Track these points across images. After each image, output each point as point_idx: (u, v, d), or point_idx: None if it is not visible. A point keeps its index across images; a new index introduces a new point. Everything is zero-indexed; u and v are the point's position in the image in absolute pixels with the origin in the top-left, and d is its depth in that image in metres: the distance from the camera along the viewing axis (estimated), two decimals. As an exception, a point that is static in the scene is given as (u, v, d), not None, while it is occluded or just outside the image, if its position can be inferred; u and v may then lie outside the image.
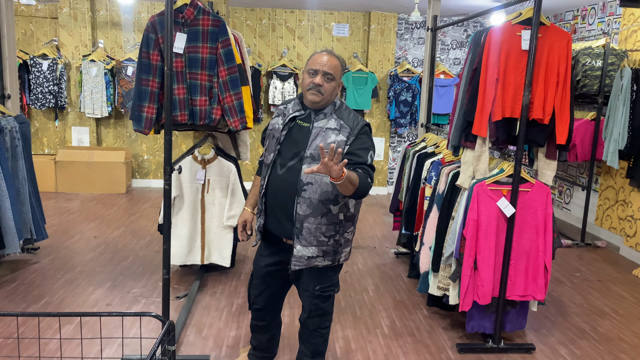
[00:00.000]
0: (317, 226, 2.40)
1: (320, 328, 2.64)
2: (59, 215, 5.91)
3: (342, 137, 2.38)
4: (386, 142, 7.81)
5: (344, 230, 2.49)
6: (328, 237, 2.43)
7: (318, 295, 2.55)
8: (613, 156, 5.06)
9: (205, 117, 3.45)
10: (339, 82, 2.44)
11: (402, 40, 7.77)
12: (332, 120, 2.42)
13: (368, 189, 2.33)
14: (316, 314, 2.59)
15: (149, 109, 3.32)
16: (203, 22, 3.23)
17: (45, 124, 7.45)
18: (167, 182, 2.73)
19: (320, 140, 2.37)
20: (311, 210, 2.38)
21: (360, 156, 2.36)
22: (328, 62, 2.39)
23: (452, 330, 3.56)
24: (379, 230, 5.86)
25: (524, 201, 3.16)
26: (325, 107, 2.45)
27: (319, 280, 2.52)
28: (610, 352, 3.37)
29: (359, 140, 2.39)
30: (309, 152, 2.37)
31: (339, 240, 2.49)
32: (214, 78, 3.30)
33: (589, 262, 5.13)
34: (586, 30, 6.41)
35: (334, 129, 2.39)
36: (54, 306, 3.66)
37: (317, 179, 2.36)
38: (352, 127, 2.40)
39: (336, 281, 2.60)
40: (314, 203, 2.37)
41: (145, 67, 3.33)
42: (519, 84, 3.11)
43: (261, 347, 2.88)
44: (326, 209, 2.39)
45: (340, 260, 2.54)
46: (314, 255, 2.44)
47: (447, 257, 3.30)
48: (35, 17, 7.28)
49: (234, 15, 7.47)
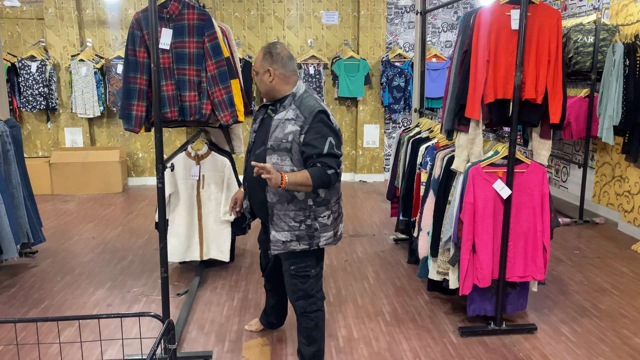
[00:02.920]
0: (285, 212, 2.53)
1: (308, 312, 2.70)
2: (56, 217, 5.89)
3: (297, 127, 2.46)
4: (381, 129, 7.78)
5: (316, 215, 2.56)
6: (298, 222, 2.54)
7: (294, 275, 2.65)
8: (608, 132, 5.05)
9: (195, 113, 3.42)
10: (262, 71, 2.54)
11: (393, 25, 7.71)
12: (290, 111, 2.50)
13: (329, 181, 2.42)
14: (298, 296, 2.68)
15: (138, 107, 3.29)
16: (188, 16, 3.19)
17: (37, 127, 7.41)
18: (160, 180, 2.71)
19: (279, 132, 2.48)
20: (278, 198, 2.52)
21: (315, 146, 2.42)
22: (253, 61, 2.63)
23: (454, 314, 3.57)
24: (377, 218, 5.86)
25: (520, 182, 3.15)
26: (285, 99, 2.56)
27: (293, 260, 2.62)
28: (612, 328, 3.38)
29: (313, 129, 2.44)
30: (270, 143, 2.50)
31: (313, 225, 2.56)
32: (202, 73, 3.26)
33: (588, 239, 5.13)
34: (577, 6, 6.36)
35: (292, 119, 2.48)
36: (54, 309, 3.65)
37: (278, 169, 2.45)
38: (307, 116, 2.46)
39: (312, 262, 2.65)
40: (279, 190, 2.50)
41: (133, 65, 3.29)
42: (510, 64, 3.09)
43: (267, 310, 3.23)
44: (291, 196, 2.51)
45: (320, 244, 2.60)
46: (288, 239, 2.56)
47: (445, 241, 3.29)
48: (21, 18, 7.20)
49: (222, 8, 7.40)
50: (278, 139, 2.47)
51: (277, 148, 2.47)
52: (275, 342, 3.21)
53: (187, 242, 4.08)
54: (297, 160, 2.46)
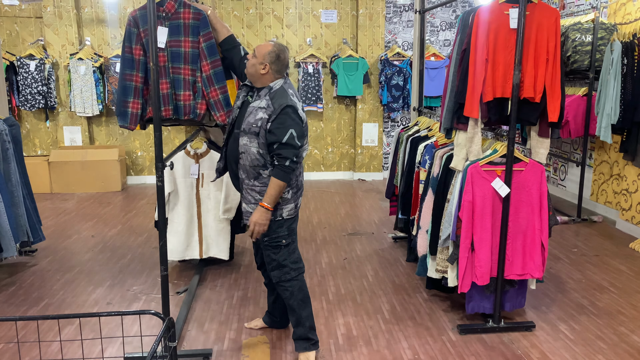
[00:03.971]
0: (252, 187, 2.83)
1: (282, 281, 2.91)
2: (56, 216, 5.89)
3: (266, 115, 2.73)
4: (380, 128, 7.79)
5: None
6: (263, 195, 2.81)
7: (267, 246, 2.89)
8: (606, 131, 5.06)
9: (189, 112, 3.42)
10: (260, 61, 2.77)
11: (391, 23, 7.72)
12: (263, 101, 2.77)
13: (290, 171, 2.72)
14: (272, 266, 2.91)
15: (133, 104, 3.29)
16: (184, 15, 3.18)
17: (36, 125, 7.40)
18: (160, 178, 2.72)
19: (251, 117, 2.76)
20: (246, 174, 2.83)
21: (275, 134, 2.70)
22: (259, 45, 2.81)
23: (453, 311, 3.58)
24: (376, 216, 5.87)
25: (518, 180, 3.16)
26: (262, 89, 2.82)
27: (266, 233, 2.85)
28: (610, 325, 3.40)
29: (277, 120, 2.71)
30: (243, 127, 2.79)
31: None
32: (197, 72, 3.25)
33: (586, 238, 5.15)
34: (575, 5, 6.38)
35: (262, 107, 2.75)
36: (54, 308, 3.66)
37: (246, 149, 2.77)
38: (276, 108, 2.72)
39: (284, 233, 2.87)
40: (247, 168, 2.81)
41: (129, 62, 3.29)
42: (509, 63, 3.10)
43: (269, 307, 3.30)
44: (257, 173, 2.80)
45: (283, 215, 2.85)
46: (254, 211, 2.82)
47: (444, 239, 3.30)
48: (20, 17, 7.20)
49: (221, 6, 7.40)
50: (249, 124, 2.76)
51: (248, 131, 2.76)
52: (274, 340, 3.22)
53: (187, 240, 4.09)
54: (262, 143, 2.74)
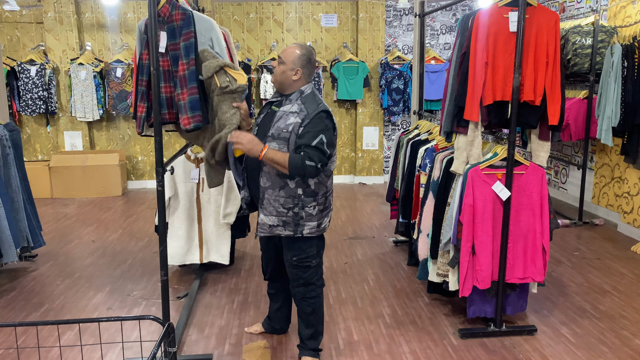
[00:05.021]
0: (276, 198, 2.69)
1: (307, 297, 2.87)
2: (56, 221, 5.89)
3: (298, 119, 2.63)
4: (380, 131, 7.79)
5: (304, 205, 2.71)
6: (287, 209, 2.69)
7: (296, 265, 2.81)
8: (607, 134, 5.05)
9: None
10: (291, 67, 2.69)
11: (392, 27, 7.73)
12: (295, 105, 2.68)
13: (304, 171, 2.55)
14: (299, 283, 2.85)
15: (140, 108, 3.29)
16: (175, 17, 3.17)
17: (37, 130, 7.41)
18: (160, 183, 2.72)
19: (281, 122, 2.65)
20: (270, 183, 2.69)
21: (304, 138, 2.59)
22: (284, 49, 2.73)
23: (454, 316, 3.57)
24: (377, 220, 5.86)
25: (519, 184, 3.15)
26: (292, 94, 2.73)
27: (294, 251, 2.79)
28: (612, 329, 3.38)
29: (310, 124, 2.61)
30: (271, 132, 2.67)
31: (299, 214, 2.72)
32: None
33: (588, 241, 5.14)
34: (575, 8, 6.38)
35: (294, 112, 2.66)
36: (54, 313, 3.65)
37: None
38: (310, 112, 2.63)
39: (313, 253, 2.81)
40: (272, 176, 2.67)
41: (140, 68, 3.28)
42: (509, 66, 3.10)
43: (271, 315, 3.24)
44: (283, 183, 2.67)
45: (304, 232, 2.74)
46: (274, 224, 2.73)
47: (445, 243, 3.29)
48: (21, 22, 7.21)
49: (221, 11, 7.42)
50: (279, 129, 2.65)
51: (277, 136, 2.64)
52: (275, 345, 3.21)
53: (187, 245, 4.08)
54: (292, 150, 2.63)
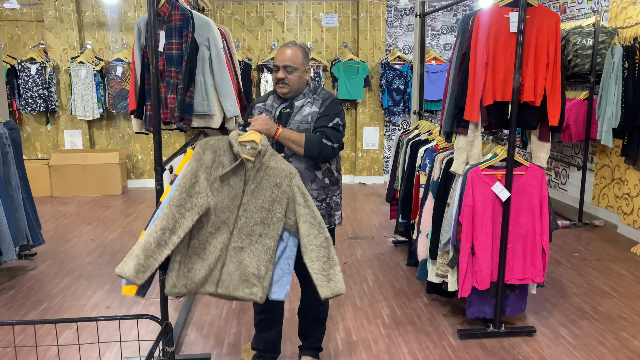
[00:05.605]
0: (310, 192, 2.60)
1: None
2: (55, 219, 5.89)
3: (315, 108, 2.66)
4: (380, 131, 7.79)
5: (332, 194, 2.75)
6: (320, 201, 2.70)
7: None
8: (607, 135, 5.05)
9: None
10: (303, 69, 2.65)
11: (392, 27, 7.72)
12: (308, 98, 2.69)
13: (321, 149, 2.55)
14: None
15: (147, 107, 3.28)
16: (175, 17, 3.17)
17: (37, 129, 7.41)
18: (159, 182, 2.71)
19: (298, 116, 2.64)
20: (302, 178, 2.52)
21: (323, 120, 2.62)
22: (287, 56, 2.60)
23: (453, 316, 3.56)
24: (376, 220, 5.86)
25: (518, 184, 3.15)
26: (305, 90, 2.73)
27: None
28: (611, 330, 3.38)
29: (327, 109, 2.65)
30: (290, 127, 2.62)
31: (330, 204, 2.75)
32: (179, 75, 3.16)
33: (587, 242, 5.13)
34: (576, 9, 6.37)
35: (310, 102, 2.67)
36: (53, 311, 3.65)
37: None
38: (324, 99, 2.68)
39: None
40: (302, 171, 2.61)
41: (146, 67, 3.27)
42: (509, 66, 3.09)
43: (268, 347, 2.88)
44: (313, 175, 2.67)
45: (335, 222, 2.78)
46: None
47: (444, 244, 3.29)
48: (21, 21, 7.21)
49: (222, 10, 7.41)
50: (298, 122, 2.63)
51: (297, 130, 2.61)
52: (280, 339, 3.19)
53: (186, 244, 4.07)
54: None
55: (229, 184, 2.29)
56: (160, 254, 2.14)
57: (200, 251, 2.27)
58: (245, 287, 2.33)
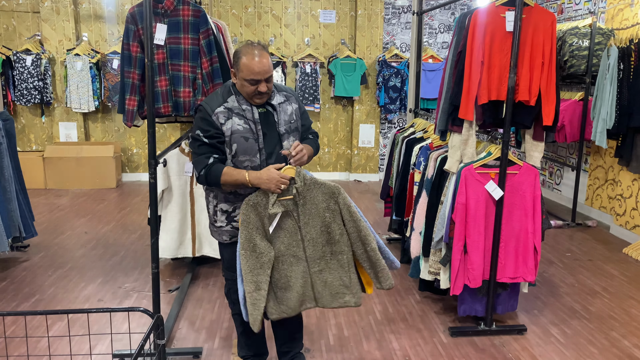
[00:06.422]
0: None
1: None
2: (49, 212, 5.87)
3: (294, 104, 2.58)
4: (376, 129, 7.79)
5: None
6: None
7: None
8: (601, 136, 5.06)
9: (189, 109, 3.42)
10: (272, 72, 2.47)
11: (390, 25, 7.72)
12: (280, 95, 2.55)
13: (317, 149, 2.68)
14: None
15: (130, 101, 3.29)
16: (183, 12, 3.19)
17: (31, 120, 7.38)
18: (152, 175, 2.71)
19: (283, 115, 2.51)
20: None
21: (307, 120, 2.66)
22: (266, 66, 2.35)
23: (444, 314, 3.58)
24: (370, 217, 5.87)
25: (512, 183, 3.16)
26: None
27: None
28: (601, 330, 3.40)
29: (301, 104, 2.64)
30: (282, 129, 2.49)
31: None
32: (197, 69, 3.26)
33: (580, 242, 5.16)
34: (573, 9, 6.39)
35: (285, 101, 2.55)
36: (45, 303, 3.64)
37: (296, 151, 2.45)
38: (291, 93, 2.61)
39: None
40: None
41: (127, 59, 3.29)
42: (504, 66, 3.10)
43: (261, 350, 2.84)
44: None
45: None
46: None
47: (437, 241, 3.30)
48: (17, 11, 7.17)
49: (219, 4, 7.39)
50: (287, 122, 2.52)
51: (290, 130, 2.53)
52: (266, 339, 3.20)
53: (180, 238, 4.08)
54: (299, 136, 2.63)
55: (283, 228, 2.43)
56: (259, 308, 2.40)
57: (285, 285, 2.46)
58: (339, 298, 2.53)
